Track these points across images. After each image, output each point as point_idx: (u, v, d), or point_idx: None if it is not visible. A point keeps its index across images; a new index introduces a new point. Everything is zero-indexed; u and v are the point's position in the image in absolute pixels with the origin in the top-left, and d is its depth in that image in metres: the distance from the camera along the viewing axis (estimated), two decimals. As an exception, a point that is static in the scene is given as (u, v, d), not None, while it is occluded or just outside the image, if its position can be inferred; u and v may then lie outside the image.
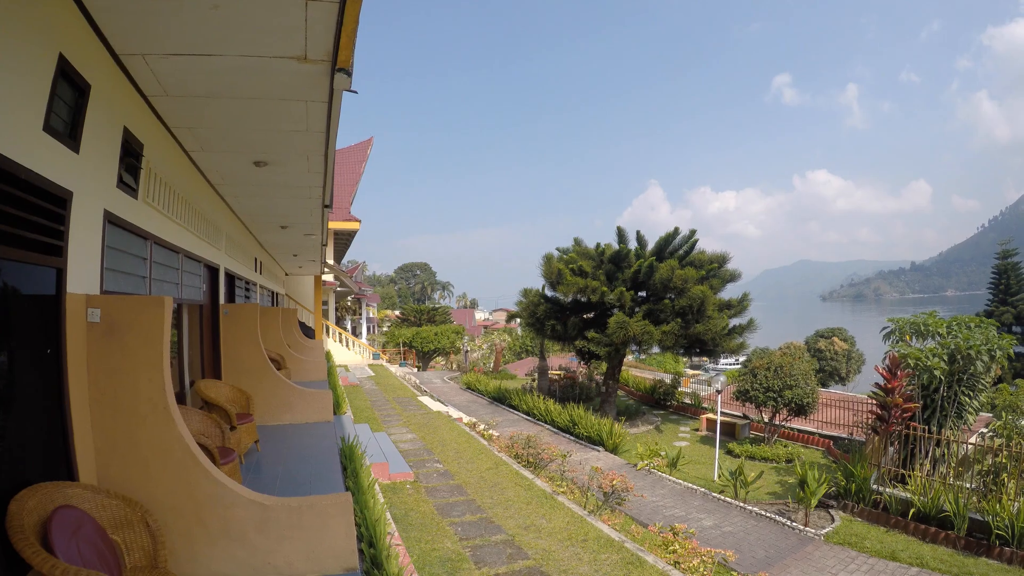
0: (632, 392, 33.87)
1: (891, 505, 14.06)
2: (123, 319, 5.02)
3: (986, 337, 16.02)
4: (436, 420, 19.37)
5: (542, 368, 32.47)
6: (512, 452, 15.45)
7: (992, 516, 12.25)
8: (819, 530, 13.40)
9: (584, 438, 20.99)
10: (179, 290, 8.74)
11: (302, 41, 4.94)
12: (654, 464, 17.90)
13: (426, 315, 71.59)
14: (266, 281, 20.05)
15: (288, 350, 16.69)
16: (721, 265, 26.90)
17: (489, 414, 25.59)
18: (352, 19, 4.62)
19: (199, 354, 10.93)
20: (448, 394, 31.34)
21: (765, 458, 20.12)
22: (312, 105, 6.31)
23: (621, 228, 27.83)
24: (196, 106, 6.41)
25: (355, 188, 36.24)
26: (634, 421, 26.05)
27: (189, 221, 8.89)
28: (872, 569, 11.53)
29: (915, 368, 15.94)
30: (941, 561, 11.70)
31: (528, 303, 28.50)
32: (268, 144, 7.67)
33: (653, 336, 23.93)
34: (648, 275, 24.86)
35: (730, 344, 26.24)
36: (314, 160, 8.36)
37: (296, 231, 15.23)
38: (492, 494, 11.95)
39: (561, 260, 26.95)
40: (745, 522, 14.01)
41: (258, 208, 12.25)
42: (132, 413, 5.04)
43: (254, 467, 8.51)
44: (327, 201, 11.36)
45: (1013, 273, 49.90)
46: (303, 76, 5.57)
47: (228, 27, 4.72)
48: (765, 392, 21.38)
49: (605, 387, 27.27)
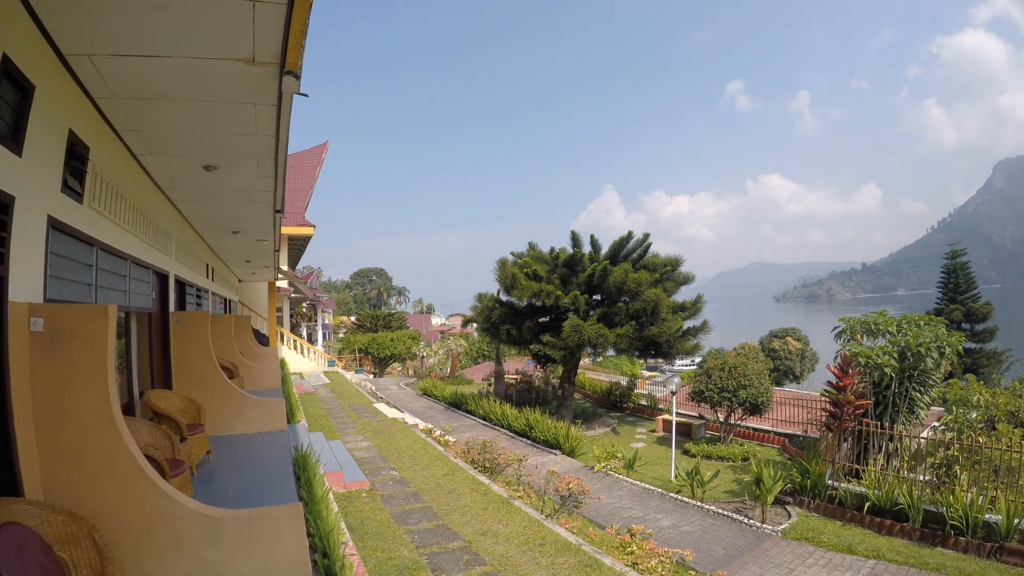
0: (588, 395, 33.94)
1: (846, 500, 14.26)
2: (67, 328, 4.88)
3: (935, 334, 16.36)
4: (392, 427, 19.20)
5: (498, 372, 32.44)
6: (468, 458, 15.37)
7: (946, 507, 12.52)
8: (776, 526, 13.52)
9: (541, 442, 20.97)
10: (127, 298, 8.55)
11: (250, 43, 4.87)
12: (611, 466, 17.93)
13: (382, 321, 71.11)
14: (218, 288, 19.75)
15: (241, 358, 16.46)
16: (675, 268, 27.16)
17: (446, 420, 25.48)
18: (300, 21, 4.56)
19: (148, 364, 10.72)
20: (404, 400, 31.12)
21: (721, 457, 20.28)
22: (261, 108, 6.23)
23: (575, 232, 27.93)
24: (144, 108, 6.28)
25: (309, 193, 35.87)
26: (591, 424, 26.12)
27: (137, 226, 8.71)
28: (830, 563, 11.66)
29: (866, 366, 16.19)
30: (897, 553, 11.89)
31: (483, 308, 28.40)
32: (217, 148, 7.55)
33: (608, 339, 24.09)
34: (602, 279, 24.99)
35: (684, 346, 26.48)
36: (264, 164, 8.24)
37: (248, 236, 15.01)
38: (448, 500, 11.87)
39: (515, 264, 26.93)
40: (703, 521, 14.08)
41: (209, 213, 12.05)
42: (77, 425, 4.90)
43: (206, 479, 8.35)
44: (278, 206, 11.22)
45: (962, 272, 51.16)
46: (251, 79, 5.50)
47: (175, 28, 4.63)
48: (720, 392, 21.61)
49: (561, 390, 27.34)
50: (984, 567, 11.11)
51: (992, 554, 11.59)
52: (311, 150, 40.19)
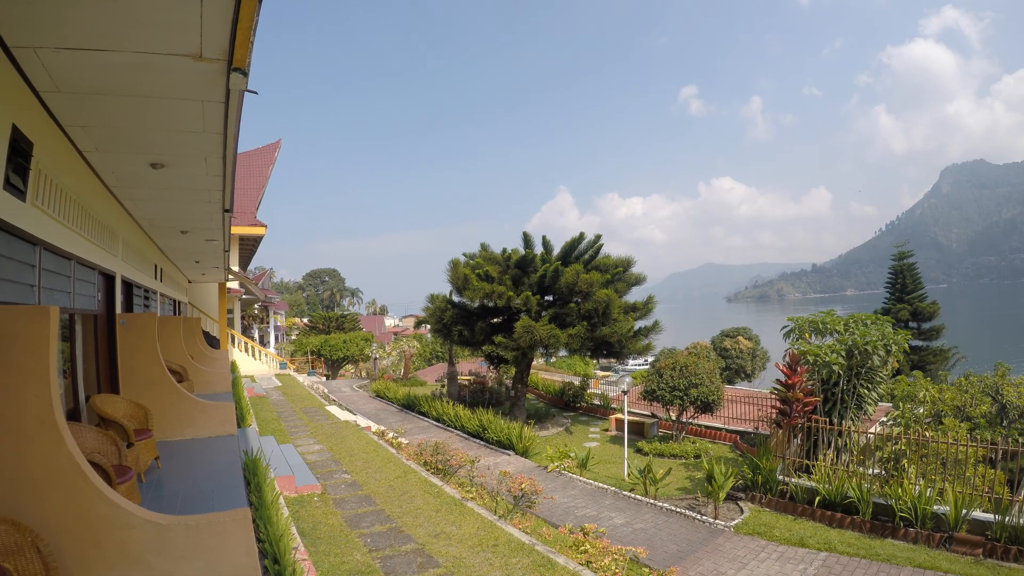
0: (542, 395, 33.99)
1: (797, 494, 14.46)
2: (6, 331, 4.74)
3: (882, 333, 16.69)
4: (344, 430, 19.04)
5: (451, 374, 32.32)
6: (421, 459, 15.29)
7: (895, 500, 12.80)
8: (729, 522, 13.66)
9: (494, 443, 20.96)
10: (71, 299, 8.35)
11: (197, 38, 4.78)
12: (564, 466, 17.97)
13: (335, 322, 70.64)
14: (167, 289, 19.40)
15: (191, 361, 16.16)
16: (626, 269, 27.34)
17: (398, 422, 25.37)
18: (248, 17, 4.49)
19: (94, 367, 10.48)
20: (357, 403, 30.91)
21: (674, 455, 20.46)
22: (209, 105, 6.12)
23: (527, 233, 27.94)
24: (90, 103, 6.13)
25: (261, 192, 35.36)
26: (544, 424, 26.17)
27: (83, 226, 8.51)
28: (782, 556, 11.83)
29: (814, 364, 16.47)
30: (848, 545, 12.12)
31: (435, 309, 28.26)
32: (165, 145, 7.41)
33: (560, 339, 24.15)
34: (554, 279, 25.03)
35: (636, 346, 26.65)
36: (212, 162, 8.10)
37: (197, 236, 14.76)
38: (401, 503, 11.80)
39: (467, 265, 26.88)
40: (656, 518, 14.18)
41: (156, 212, 11.83)
42: (19, 432, 4.76)
43: (154, 485, 8.17)
44: (227, 205, 11.04)
45: (909, 273, 52.52)
46: (199, 75, 5.40)
47: (122, 21, 4.53)
48: (671, 391, 21.82)
49: (514, 391, 27.33)
50: (934, 557, 11.41)
51: (941, 544, 11.92)
52: (263, 148, 39.61)
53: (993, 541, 11.58)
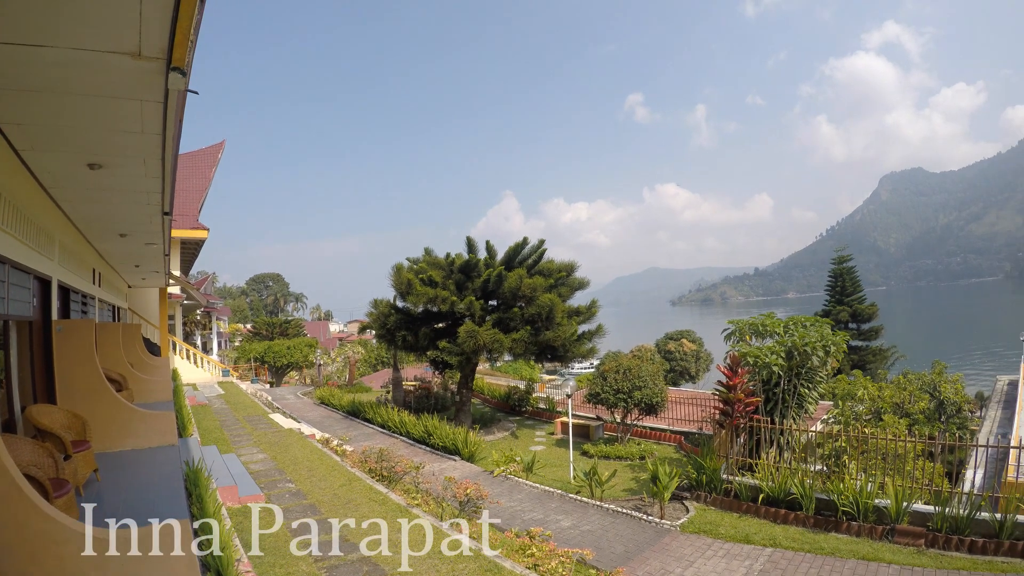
0: (487, 400, 34.03)
1: (742, 492, 14.69)
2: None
3: (820, 334, 16.98)
4: (288, 438, 18.77)
5: (396, 379, 32.08)
6: (366, 467, 15.15)
7: (837, 495, 13.10)
8: (675, 521, 13.79)
9: (440, 448, 20.86)
10: (5, 305, 8.14)
11: (136, 36, 4.67)
12: (510, 470, 17.99)
13: (279, 328, 69.78)
14: (106, 294, 18.96)
15: (130, 369, 15.82)
16: (569, 274, 27.54)
17: (343, 429, 25.11)
18: (188, 16, 4.41)
19: (30, 376, 10.19)
20: (301, 410, 30.49)
21: (619, 457, 20.68)
22: (147, 105, 6.00)
23: (471, 238, 28.04)
24: (25, 101, 5.95)
25: (204, 194, 34.76)
26: (490, 428, 26.24)
27: (17, 228, 8.29)
28: (728, 553, 12.00)
29: (755, 365, 16.69)
30: (793, 540, 12.34)
31: (379, 314, 28.12)
32: (103, 145, 7.24)
33: (503, 344, 24.21)
34: (497, 284, 25.13)
35: (580, 349, 26.83)
36: (152, 164, 7.94)
37: (136, 240, 14.45)
38: (346, 511, 11.67)
39: (411, 270, 26.80)
40: (603, 520, 14.25)
41: (94, 214, 11.55)
42: (-50, 444, 4.63)
43: (93, 498, 7.96)
44: (167, 208, 10.84)
45: (848, 276, 54.16)
46: (137, 73, 5.29)
47: (59, 16, 4.41)
48: (615, 394, 22.05)
49: (459, 396, 27.33)
50: (877, 548, 11.70)
51: (884, 536, 12.26)
52: (206, 150, 38.91)
53: (934, 531, 11.91)
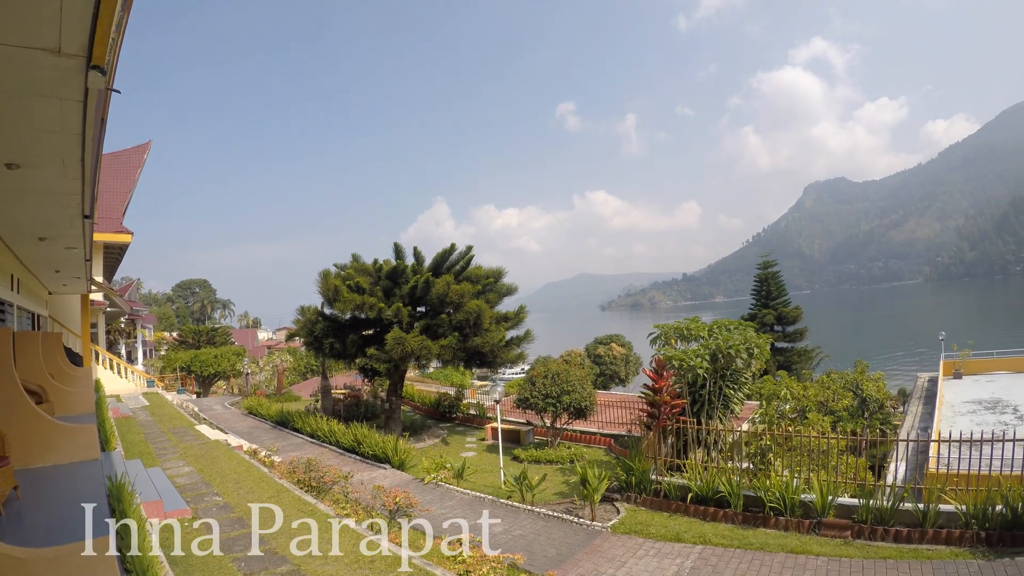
0: (418, 407, 33.95)
1: (671, 492, 14.93)
2: None
3: (744, 337, 17.39)
4: (215, 450, 18.47)
5: (325, 388, 31.66)
6: (294, 478, 15.01)
7: (764, 491, 13.44)
8: (606, 523, 13.94)
9: (370, 457, 20.72)
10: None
11: (56, 32, 4.54)
12: (441, 477, 17.96)
13: (205, 336, 68.49)
14: (25, 301, 18.42)
15: (51, 381, 15.38)
16: (497, 279, 27.69)
17: (272, 439, 24.76)
18: (108, 14, 4.35)
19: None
20: (229, 421, 29.96)
21: (550, 461, 20.82)
22: (67, 103, 5.84)
23: (398, 244, 27.92)
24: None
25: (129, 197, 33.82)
26: (420, 436, 26.13)
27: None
28: (659, 552, 12.19)
29: (680, 368, 16.98)
30: (722, 537, 12.63)
31: (306, 321, 27.70)
32: (20, 144, 7.05)
33: (431, 351, 24.20)
34: (425, 290, 25.09)
35: (509, 355, 27.05)
36: (71, 164, 7.77)
37: (56, 244, 14.05)
38: (275, 523, 11.55)
39: (338, 276, 26.52)
40: (534, 524, 14.32)
41: (11, 217, 11.22)
42: None
43: (15, 517, 7.78)
44: (87, 211, 10.60)
45: (773, 281, 55.76)
46: (57, 71, 5.15)
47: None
48: (544, 399, 22.19)
49: (389, 403, 27.19)
50: (805, 542, 12.04)
51: (811, 529, 12.62)
52: (131, 150, 37.79)
53: (860, 523, 12.31)
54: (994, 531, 11.26)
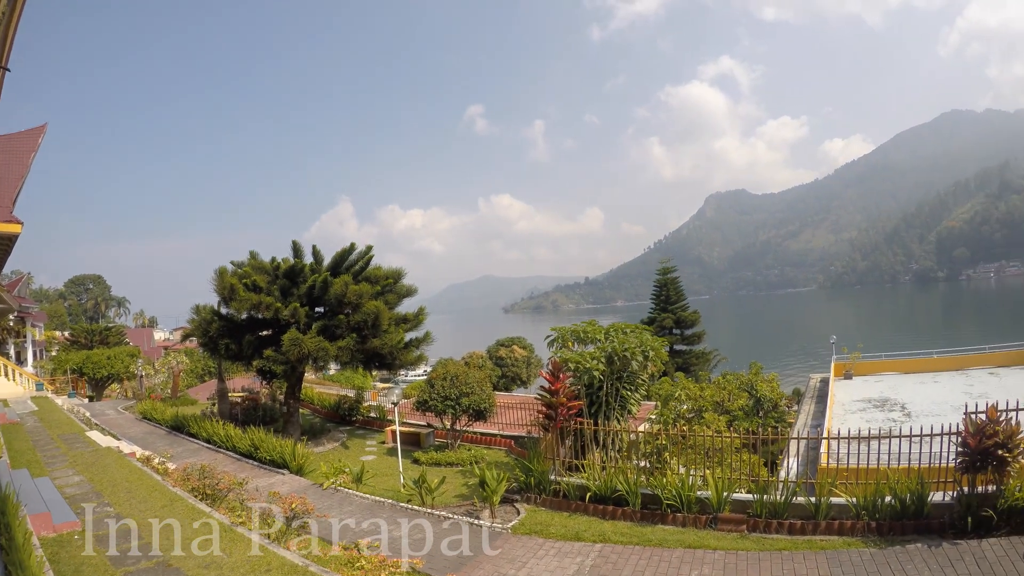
0: (317, 410, 33.56)
1: (570, 492, 15.13)
2: None
3: (640, 340, 17.77)
4: (107, 458, 17.91)
5: (221, 391, 30.64)
6: (188, 485, 14.65)
7: (661, 489, 13.77)
8: (506, 524, 14.05)
9: (268, 462, 20.41)
10: None
11: None
12: (340, 481, 17.83)
13: (99, 336, 65.90)
14: None
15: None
16: (397, 280, 27.55)
17: (167, 445, 24.00)
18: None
19: None
20: (122, 426, 29.05)
21: (450, 463, 20.89)
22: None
23: (296, 242, 27.44)
24: None
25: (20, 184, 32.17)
26: (319, 440, 25.88)
27: None
28: (560, 551, 12.35)
29: (576, 370, 17.25)
30: (622, 534, 12.92)
31: (201, 320, 26.72)
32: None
33: (329, 352, 23.93)
34: (323, 290, 24.82)
35: (408, 357, 26.99)
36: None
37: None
38: (169, 534, 11.30)
39: (235, 274, 25.81)
40: (435, 527, 14.29)
41: None
42: None
43: None
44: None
45: (672, 286, 57.41)
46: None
47: None
48: (443, 401, 22.33)
49: (287, 407, 26.78)
50: (702, 537, 12.41)
51: (708, 525, 13.05)
52: (24, 133, 35.73)
53: (755, 517, 12.78)
54: (884, 521, 11.86)
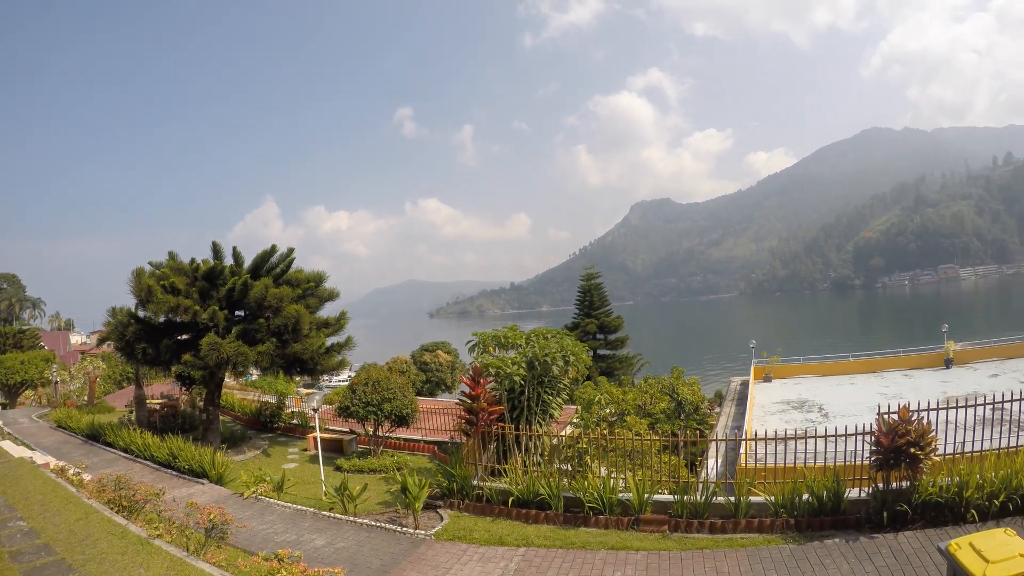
0: (238, 416, 32.96)
1: (493, 497, 15.16)
2: None
3: (560, 345, 17.98)
4: (19, 469, 17.31)
5: (139, 397, 29.43)
6: (104, 497, 14.27)
7: (583, 492, 13.96)
8: (429, 530, 14.00)
9: (187, 471, 19.93)
10: None
11: None
12: (261, 490, 17.53)
13: (12, 339, 63.21)
14: None
15: None
16: (318, 284, 27.26)
17: (83, 455, 23.25)
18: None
19: None
20: (36, 435, 27.93)
21: (373, 470, 20.83)
22: None
23: (216, 243, 26.85)
24: None
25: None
26: (240, 447, 25.51)
27: None
28: (483, 557, 12.40)
29: (498, 375, 17.33)
30: (545, 538, 12.99)
31: (117, 324, 25.39)
32: None
33: (248, 357, 23.41)
34: (243, 293, 24.31)
35: (330, 362, 26.73)
36: None
37: None
38: (84, 548, 11.05)
39: (153, 276, 24.68)
40: (358, 535, 14.25)
41: None
42: None
43: None
44: None
45: (596, 291, 58.16)
46: None
47: None
48: (365, 406, 22.26)
49: (206, 414, 26.22)
50: (625, 538, 12.59)
51: (630, 526, 13.26)
52: None
53: (676, 517, 13.07)
54: (802, 518, 12.27)
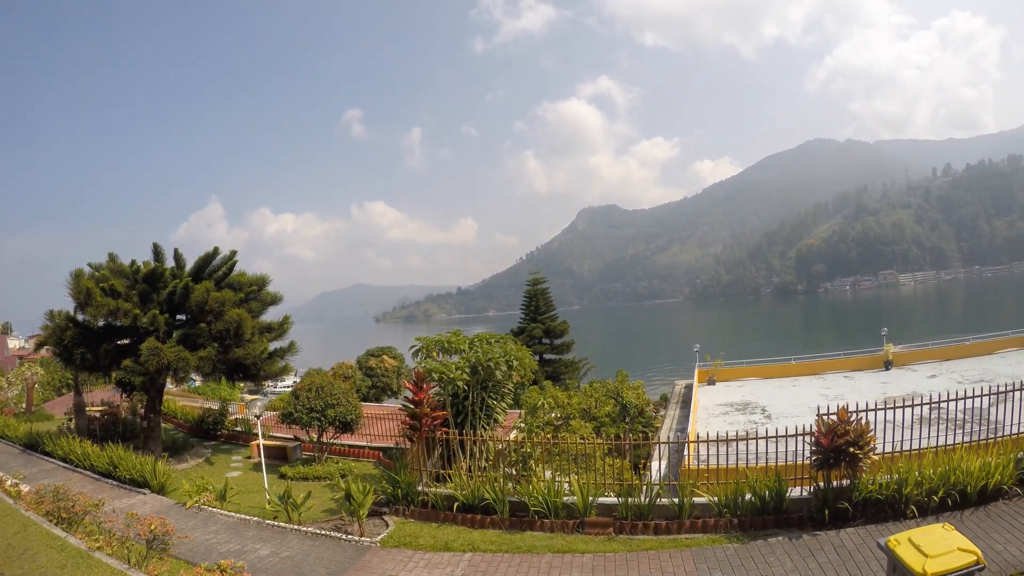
0: (181, 424, 32.28)
1: (438, 503, 15.15)
2: None
3: (504, 350, 18.08)
4: (-45, 482, 16.88)
5: (79, 404, 28.70)
6: (42, 509, 13.93)
7: (528, 496, 14.09)
8: (375, 537, 13.98)
9: (128, 481, 19.51)
10: None
11: None
12: (204, 500, 17.29)
13: (-52, 344, 61.23)
14: None
15: None
16: (261, 287, 26.95)
17: (20, 465, 22.69)
18: None
19: None
20: (-29, 446, 27.12)
21: (318, 477, 20.61)
22: None
23: (157, 245, 26.19)
24: None
25: None
26: (182, 456, 24.97)
27: None
28: (429, 563, 12.42)
29: (441, 381, 17.31)
30: (491, 542, 13.05)
31: (55, 327, 24.55)
32: None
33: (189, 362, 22.83)
34: (184, 297, 23.79)
35: (273, 367, 26.39)
36: None
37: None
38: (22, 563, 10.75)
39: (92, 278, 24.08)
40: (303, 544, 14.16)
41: None
42: None
43: None
44: None
45: (542, 296, 58.66)
46: None
47: None
48: (308, 413, 22.02)
49: (147, 421, 25.54)
50: (570, 541, 12.76)
51: (575, 529, 13.38)
52: None
53: (621, 520, 13.23)
54: (745, 517, 12.54)
